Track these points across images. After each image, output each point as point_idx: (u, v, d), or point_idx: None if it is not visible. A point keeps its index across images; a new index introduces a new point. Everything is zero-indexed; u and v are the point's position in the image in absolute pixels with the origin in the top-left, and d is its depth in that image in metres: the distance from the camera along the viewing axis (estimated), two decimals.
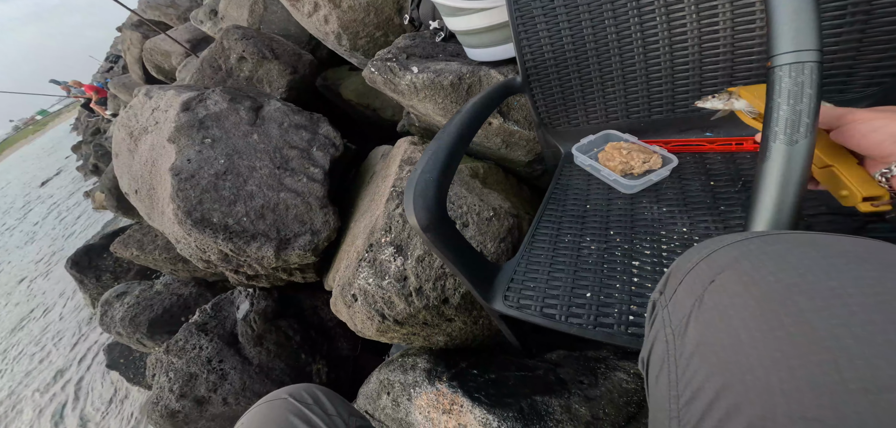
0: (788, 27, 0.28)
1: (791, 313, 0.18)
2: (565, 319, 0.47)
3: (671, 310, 0.25)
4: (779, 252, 0.21)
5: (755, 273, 0.21)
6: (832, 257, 0.19)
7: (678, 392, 0.21)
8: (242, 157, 0.95)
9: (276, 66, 1.37)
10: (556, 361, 0.82)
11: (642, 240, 0.50)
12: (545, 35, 0.64)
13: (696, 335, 0.21)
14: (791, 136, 0.29)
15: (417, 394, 0.77)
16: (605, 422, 0.67)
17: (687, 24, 0.55)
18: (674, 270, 0.27)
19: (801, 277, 0.19)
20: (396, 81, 0.80)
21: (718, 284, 0.22)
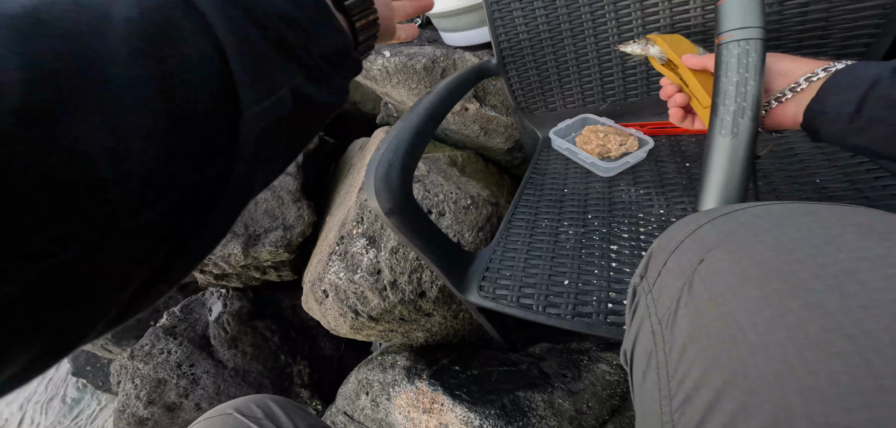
0: (736, 6, 0.32)
1: (799, 294, 0.15)
2: (543, 309, 0.44)
3: (656, 296, 0.22)
4: (774, 223, 0.19)
5: (750, 248, 0.18)
6: (830, 226, 0.17)
7: (670, 392, 0.18)
8: None
9: None
10: (539, 355, 0.80)
11: (620, 223, 0.49)
12: (520, 17, 0.61)
13: (688, 325, 0.19)
14: (737, 114, 0.32)
15: (397, 393, 0.74)
16: (589, 416, 0.66)
17: (659, 6, 0.54)
18: (655, 251, 0.25)
19: (803, 250, 0.17)
20: (368, 66, 0.77)
21: (709, 263, 0.19)
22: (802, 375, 0.13)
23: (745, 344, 0.15)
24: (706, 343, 0.17)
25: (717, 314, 0.17)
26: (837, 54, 0.49)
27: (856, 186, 0.40)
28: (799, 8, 0.48)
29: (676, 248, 0.22)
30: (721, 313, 0.17)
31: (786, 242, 0.17)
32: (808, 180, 0.43)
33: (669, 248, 0.23)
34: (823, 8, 0.47)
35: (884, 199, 0.37)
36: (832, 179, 0.42)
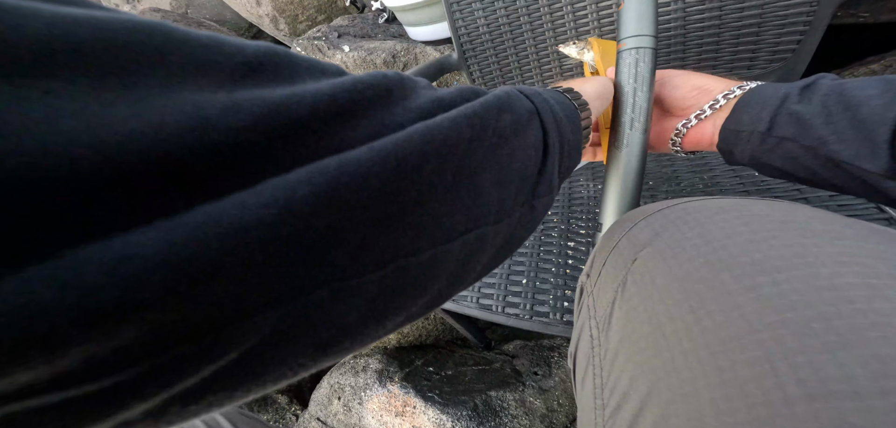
0: (632, 13, 0.31)
1: (718, 297, 0.15)
2: (502, 309, 0.44)
3: (596, 297, 0.22)
4: (701, 220, 0.18)
5: (677, 247, 0.18)
6: (753, 223, 0.17)
7: (603, 400, 0.18)
8: None
9: None
10: (512, 353, 0.80)
11: (578, 219, 0.48)
12: (480, 10, 0.60)
13: (620, 328, 0.18)
14: (626, 125, 0.31)
15: (369, 397, 0.73)
16: (560, 413, 0.66)
17: (614, 10, 0.53)
18: (598, 250, 0.24)
19: (723, 248, 0.16)
20: (327, 60, 0.74)
21: (640, 263, 0.19)
22: (715, 383, 0.13)
23: (668, 351, 0.15)
24: (634, 350, 0.17)
25: (645, 317, 0.17)
26: (759, 74, 0.50)
27: (791, 184, 0.40)
28: (715, 22, 0.48)
29: (614, 247, 0.22)
30: (649, 316, 0.16)
31: (710, 240, 0.17)
32: (749, 175, 0.43)
33: (609, 246, 0.23)
34: (744, 23, 0.48)
35: (822, 200, 0.38)
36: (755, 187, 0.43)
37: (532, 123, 0.20)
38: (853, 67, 0.57)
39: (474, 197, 0.15)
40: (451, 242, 0.14)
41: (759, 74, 0.51)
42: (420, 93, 0.15)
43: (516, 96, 0.20)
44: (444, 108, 0.15)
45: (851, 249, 0.14)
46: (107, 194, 0.07)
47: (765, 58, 0.49)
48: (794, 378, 0.12)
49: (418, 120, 0.14)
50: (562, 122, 0.22)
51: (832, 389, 0.11)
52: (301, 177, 0.09)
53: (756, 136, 0.27)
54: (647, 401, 0.15)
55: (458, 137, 0.14)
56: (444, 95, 0.16)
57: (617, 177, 0.31)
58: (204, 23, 1.34)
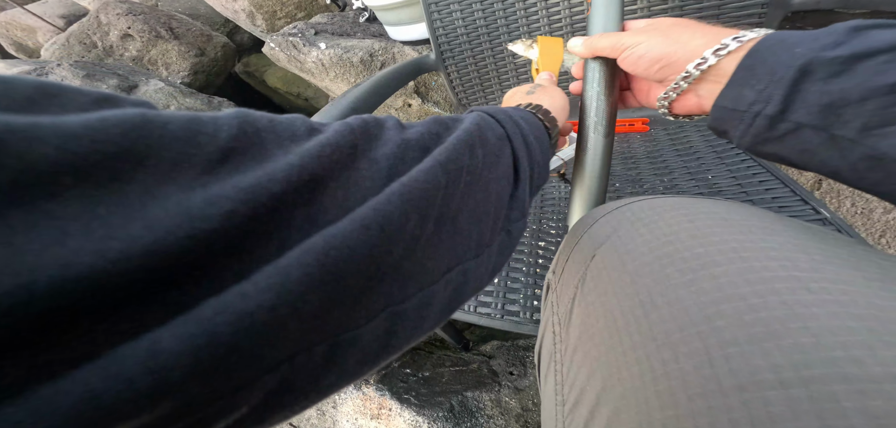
0: (599, 21, 0.31)
1: (664, 291, 0.15)
2: (474, 308, 0.44)
3: (559, 294, 0.22)
4: (651, 218, 0.19)
5: (630, 243, 0.18)
6: (697, 220, 0.17)
7: (563, 396, 0.18)
8: None
9: (175, 46, 1.20)
10: (489, 353, 0.80)
11: (549, 219, 0.49)
12: (457, 10, 0.60)
13: (579, 324, 0.18)
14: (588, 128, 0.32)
15: (343, 400, 0.72)
16: (535, 412, 0.66)
17: (585, 13, 0.55)
18: (564, 246, 0.24)
19: (670, 243, 0.17)
20: (302, 59, 0.73)
21: (599, 259, 0.19)
22: (659, 376, 0.13)
23: (620, 345, 0.15)
24: (591, 345, 0.17)
25: (601, 312, 0.17)
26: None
27: (739, 184, 0.43)
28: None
29: (577, 243, 0.22)
30: (604, 312, 0.17)
31: (659, 235, 0.17)
32: (703, 176, 0.46)
33: (572, 243, 0.23)
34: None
35: (765, 202, 0.40)
36: (721, 176, 0.45)
37: (503, 152, 0.20)
38: None
39: (454, 237, 0.16)
40: (436, 284, 0.15)
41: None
42: (387, 137, 0.15)
43: (488, 124, 0.20)
44: (412, 150, 0.15)
45: (782, 244, 0.15)
46: (125, 301, 0.08)
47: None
48: (727, 368, 0.12)
49: (389, 171, 0.14)
50: (531, 144, 0.23)
51: (760, 378, 0.11)
52: (292, 261, 0.10)
53: (762, 121, 0.20)
54: (602, 395, 0.15)
55: (434, 187, 0.15)
56: (412, 137, 0.16)
57: (581, 179, 0.31)
58: (175, 16, 1.29)
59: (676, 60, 0.24)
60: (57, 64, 0.90)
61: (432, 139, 0.17)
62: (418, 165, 0.15)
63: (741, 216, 0.17)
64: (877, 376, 0.10)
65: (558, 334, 0.20)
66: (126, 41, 1.20)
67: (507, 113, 0.23)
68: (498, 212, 0.19)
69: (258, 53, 1.50)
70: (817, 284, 0.13)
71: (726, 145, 0.49)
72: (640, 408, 0.13)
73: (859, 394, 0.10)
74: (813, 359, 0.11)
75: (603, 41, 0.28)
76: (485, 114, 0.22)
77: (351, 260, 0.11)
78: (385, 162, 0.14)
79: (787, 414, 0.10)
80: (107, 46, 1.20)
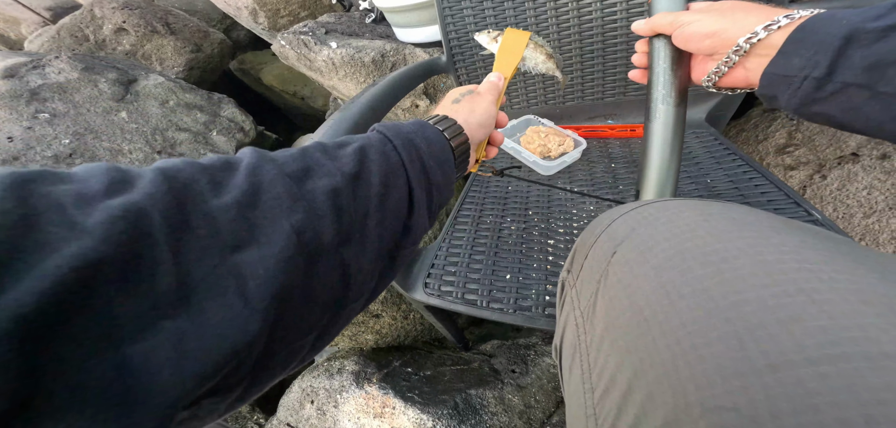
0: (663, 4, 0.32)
1: (689, 281, 0.16)
2: (487, 304, 0.45)
3: (579, 289, 0.23)
4: (669, 217, 0.20)
5: (651, 240, 0.19)
6: (712, 219, 0.19)
7: (592, 384, 0.18)
8: (101, 137, 0.77)
9: (171, 42, 1.17)
10: (490, 352, 0.81)
11: (557, 219, 0.51)
12: (470, 15, 0.62)
13: (604, 316, 0.19)
14: (657, 101, 0.33)
15: (345, 399, 0.71)
16: (537, 409, 0.67)
17: (593, 17, 0.58)
18: (579, 246, 0.25)
19: (689, 240, 0.18)
20: (312, 57, 0.73)
21: (620, 255, 0.20)
22: (693, 360, 0.14)
23: (650, 334, 0.16)
24: (618, 334, 0.18)
25: (627, 304, 0.18)
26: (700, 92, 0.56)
27: (736, 187, 0.46)
28: None
29: (595, 242, 0.23)
30: (630, 303, 0.18)
31: (678, 233, 0.19)
32: (702, 180, 0.49)
33: (589, 242, 0.24)
34: None
35: (761, 204, 0.43)
36: (719, 180, 0.48)
37: (396, 183, 0.22)
38: None
39: (311, 313, 0.17)
40: (290, 363, 0.18)
41: (700, 91, 0.57)
42: (234, 184, 0.16)
43: (381, 155, 0.21)
44: (269, 204, 0.16)
45: (789, 241, 0.17)
46: None
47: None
48: (758, 350, 0.13)
49: (234, 239, 0.14)
50: (431, 169, 0.24)
51: (790, 358, 0.12)
52: None
53: (810, 84, 0.23)
54: (634, 382, 0.16)
55: (290, 283, 0.15)
56: (265, 180, 0.16)
57: (650, 152, 0.33)
58: (172, 11, 1.26)
59: (727, 36, 0.27)
60: (55, 56, 0.87)
61: (295, 184, 0.17)
62: (272, 246, 0.15)
63: (749, 217, 0.19)
64: (892, 353, 0.11)
65: (581, 327, 0.21)
66: (119, 36, 1.17)
67: (409, 137, 0.24)
68: (380, 254, 0.21)
69: (254, 51, 1.48)
70: (827, 275, 0.14)
71: (724, 152, 0.52)
72: (676, 390, 0.14)
73: (881, 370, 0.11)
74: (835, 339, 0.12)
75: (663, 19, 0.31)
76: (385, 138, 0.23)
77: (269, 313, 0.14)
78: (228, 226, 0.14)
79: (823, 388, 0.11)
80: (99, 40, 1.16)
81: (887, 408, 0.10)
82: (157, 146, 0.82)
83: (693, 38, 0.29)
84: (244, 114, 0.97)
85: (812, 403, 0.11)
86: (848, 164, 0.54)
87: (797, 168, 0.58)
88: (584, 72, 0.62)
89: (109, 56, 1.14)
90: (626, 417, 0.16)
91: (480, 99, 0.34)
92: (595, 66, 0.62)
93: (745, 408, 0.12)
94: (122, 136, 0.80)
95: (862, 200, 0.52)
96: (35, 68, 0.83)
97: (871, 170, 0.52)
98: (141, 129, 0.82)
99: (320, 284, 0.17)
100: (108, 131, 0.79)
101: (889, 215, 0.49)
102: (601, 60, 0.61)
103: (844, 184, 0.54)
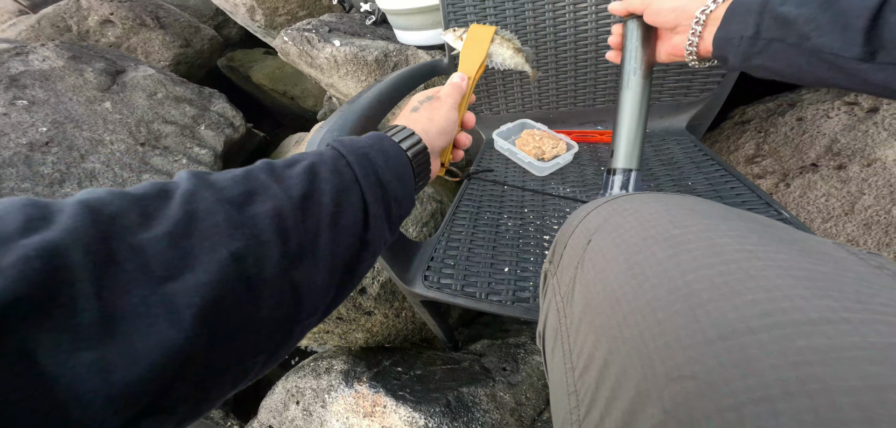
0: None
1: (652, 264, 0.18)
2: (486, 296, 0.46)
3: (559, 278, 0.24)
4: (635, 208, 0.22)
5: (620, 228, 0.21)
6: (673, 210, 0.21)
7: (573, 364, 0.20)
8: (82, 127, 0.74)
9: (159, 35, 1.14)
10: (480, 351, 0.82)
11: (551, 216, 0.53)
12: (473, 17, 0.65)
13: (582, 299, 0.21)
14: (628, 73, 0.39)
15: (333, 399, 0.69)
16: (528, 407, 0.68)
17: (588, 27, 0.61)
18: (559, 237, 0.27)
19: (653, 227, 0.20)
20: (314, 54, 0.73)
21: (594, 243, 0.22)
22: (657, 333, 0.16)
23: (621, 312, 0.18)
24: (595, 315, 0.19)
25: (600, 288, 0.20)
26: (692, 101, 0.62)
27: (714, 189, 0.51)
28: None
29: (573, 233, 0.25)
30: (603, 287, 0.19)
31: (643, 222, 0.21)
32: (683, 183, 0.53)
33: (568, 234, 0.26)
34: None
35: (736, 204, 0.47)
36: (699, 183, 0.52)
37: (349, 199, 0.22)
38: (755, 104, 0.73)
39: (257, 338, 0.18)
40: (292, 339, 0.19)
41: (692, 101, 0.62)
42: (167, 214, 0.16)
43: (328, 177, 0.21)
44: (205, 231, 0.16)
45: (736, 226, 0.19)
46: None
47: (698, 85, 0.61)
48: (708, 321, 0.14)
49: (166, 269, 0.14)
50: (387, 183, 0.24)
51: (734, 328, 0.14)
52: None
53: (745, 42, 0.29)
54: (609, 357, 0.17)
55: (231, 303, 0.16)
56: (202, 209, 0.16)
57: (623, 117, 0.37)
58: (164, 5, 1.23)
59: (688, 10, 0.33)
60: (42, 44, 0.83)
61: (236, 210, 0.17)
62: (208, 274, 0.15)
63: (702, 206, 0.21)
64: (815, 320, 0.13)
65: (562, 312, 0.22)
66: (105, 27, 1.12)
67: (364, 151, 0.24)
68: (335, 269, 0.21)
69: (244, 49, 1.45)
70: (763, 253, 0.16)
71: (703, 158, 0.57)
72: (644, 362, 0.15)
73: (806, 334, 0.13)
74: (769, 309, 0.14)
75: (634, 1, 0.37)
76: (338, 154, 0.23)
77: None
78: (159, 256, 0.14)
79: (761, 354, 0.13)
80: (83, 31, 1.11)
81: (813, 367, 0.12)
82: (141, 138, 0.79)
83: (661, 13, 0.35)
84: (235, 109, 0.95)
85: (756, 368, 0.13)
86: (808, 173, 0.60)
87: (764, 176, 0.64)
88: (577, 78, 0.66)
89: (92, 46, 1.09)
90: (603, 390, 0.17)
91: (440, 105, 0.34)
92: (588, 73, 0.66)
93: (703, 375, 0.14)
94: (104, 127, 0.76)
95: (820, 207, 0.58)
96: (18, 55, 0.79)
97: (828, 179, 0.58)
98: (125, 120, 0.79)
99: (267, 306, 0.17)
100: (90, 121, 0.76)
101: (845, 221, 0.55)
102: (594, 68, 0.65)
103: (805, 191, 0.59)
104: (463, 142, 0.37)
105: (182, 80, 0.92)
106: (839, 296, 0.14)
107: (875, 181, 0.55)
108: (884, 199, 0.53)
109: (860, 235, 0.54)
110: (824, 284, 0.14)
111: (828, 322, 0.13)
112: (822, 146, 0.61)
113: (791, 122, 0.66)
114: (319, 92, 1.18)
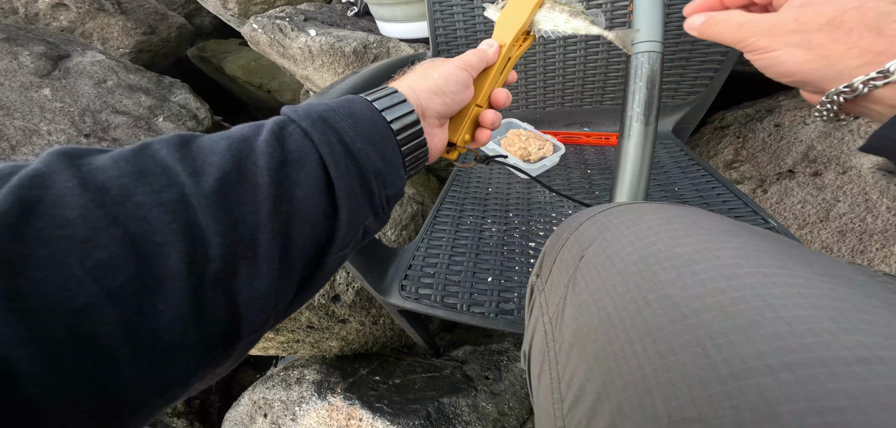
0: (645, 22, 0.32)
1: (653, 287, 0.16)
2: (467, 308, 0.43)
3: (548, 295, 0.22)
4: (632, 220, 0.20)
5: (616, 244, 0.19)
6: (674, 223, 0.19)
7: (561, 394, 0.18)
8: (13, 115, 0.67)
9: (119, 21, 1.04)
10: (462, 358, 0.79)
11: (537, 221, 0.51)
12: (459, 13, 0.62)
13: (573, 322, 0.18)
14: (647, 117, 0.32)
15: (305, 412, 0.65)
16: (511, 416, 0.67)
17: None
18: (547, 250, 0.25)
19: (653, 244, 0.18)
20: (286, 43, 0.68)
21: (587, 259, 0.20)
22: (659, 367, 0.14)
23: (617, 340, 0.16)
24: (587, 341, 0.17)
25: (594, 311, 0.17)
26: (679, 105, 0.59)
27: (701, 196, 0.50)
28: None
29: (563, 246, 0.23)
30: (598, 310, 0.17)
31: (642, 237, 0.19)
32: (670, 188, 0.52)
33: (557, 246, 0.23)
34: (678, 54, 0.58)
35: (723, 211, 0.46)
36: (685, 189, 0.51)
37: (301, 174, 0.17)
38: (734, 110, 0.74)
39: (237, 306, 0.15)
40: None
41: (679, 104, 0.61)
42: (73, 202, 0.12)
43: (264, 151, 0.16)
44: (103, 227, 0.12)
45: (745, 244, 0.17)
46: None
47: (686, 89, 0.60)
48: (720, 358, 0.13)
49: (82, 255, 0.11)
50: (359, 153, 0.19)
51: (750, 365, 0.12)
52: None
53: None
54: (603, 391, 0.15)
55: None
56: (100, 182, 0.13)
57: (624, 165, 0.33)
58: None
59: (813, 81, 0.20)
60: None
61: (112, 205, 0.12)
62: (50, 295, 0.11)
63: (705, 220, 0.19)
64: (846, 359, 0.11)
65: (550, 334, 0.20)
66: (57, 10, 1.01)
67: (322, 115, 0.19)
68: (289, 270, 0.17)
69: (217, 39, 1.36)
70: (781, 279, 0.14)
71: (689, 162, 0.56)
72: (643, 400, 0.14)
73: (835, 375, 0.11)
74: (791, 345, 0.12)
75: (726, 31, 0.23)
76: (286, 119, 0.18)
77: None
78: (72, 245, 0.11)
79: (781, 397, 0.11)
80: (31, 14, 1.00)
81: (844, 415, 0.10)
82: (86, 129, 0.71)
83: (769, 72, 0.22)
84: (199, 101, 0.88)
85: (773, 412, 0.11)
86: (785, 179, 0.61)
87: (742, 182, 0.64)
88: (565, 77, 0.64)
89: (44, 30, 0.99)
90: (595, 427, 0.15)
91: (442, 64, 0.27)
92: (576, 72, 0.64)
93: (711, 418, 0.12)
94: (40, 116, 0.69)
95: (797, 213, 0.58)
96: None
97: (805, 186, 0.59)
98: (67, 109, 0.71)
99: (170, 330, 0.13)
100: (24, 109, 0.68)
101: (820, 227, 0.56)
102: (582, 68, 0.63)
103: (782, 197, 0.60)
104: (489, 120, 0.30)
105: (138, 68, 0.84)
106: (869, 329, 0.12)
107: (850, 189, 0.56)
108: (858, 207, 0.54)
109: (835, 243, 0.55)
110: (853, 315, 0.12)
111: (861, 362, 0.11)
112: (798, 153, 0.62)
113: (769, 128, 0.67)
114: (298, 86, 1.12)
